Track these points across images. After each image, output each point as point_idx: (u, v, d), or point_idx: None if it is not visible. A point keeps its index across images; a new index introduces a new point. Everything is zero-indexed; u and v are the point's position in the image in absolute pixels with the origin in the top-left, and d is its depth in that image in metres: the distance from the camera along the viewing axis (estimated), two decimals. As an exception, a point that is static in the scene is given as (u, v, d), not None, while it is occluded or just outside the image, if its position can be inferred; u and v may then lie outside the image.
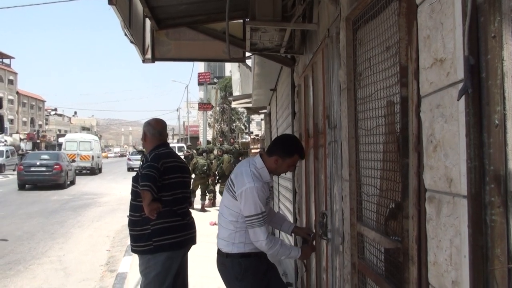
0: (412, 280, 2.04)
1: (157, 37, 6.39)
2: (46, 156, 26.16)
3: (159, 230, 4.49)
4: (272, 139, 4.78)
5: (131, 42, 5.44)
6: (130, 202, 4.58)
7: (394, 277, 2.29)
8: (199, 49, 6.53)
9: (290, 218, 7.00)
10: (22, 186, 24.29)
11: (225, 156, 16.20)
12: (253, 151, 27.00)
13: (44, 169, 24.59)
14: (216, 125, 41.54)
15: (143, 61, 6.35)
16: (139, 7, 5.67)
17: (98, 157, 38.91)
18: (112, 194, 21.25)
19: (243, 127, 38.09)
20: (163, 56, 6.43)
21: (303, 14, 4.59)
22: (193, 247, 4.84)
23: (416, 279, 1.99)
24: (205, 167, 15.73)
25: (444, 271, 1.67)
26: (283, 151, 3.86)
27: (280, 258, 3.82)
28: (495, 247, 1.30)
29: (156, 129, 4.73)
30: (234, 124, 40.07)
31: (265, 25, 4.25)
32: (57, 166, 24.87)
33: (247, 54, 6.65)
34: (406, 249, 2.09)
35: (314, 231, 4.38)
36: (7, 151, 39.44)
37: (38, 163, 24.83)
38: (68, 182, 26.17)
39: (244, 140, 35.89)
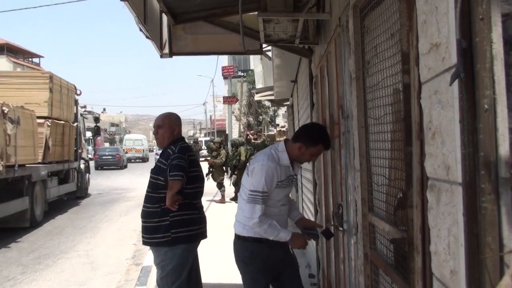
0: (417, 270, 2.01)
1: (174, 32, 6.41)
2: (110, 150, 41.90)
3: (178, 222, 4.50)
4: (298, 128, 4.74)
5: (147, 37, 5.47)
6: (147, 194, 4.59)
7: (402, 267, 2.26)
8: (216, 42, 6.53)
9: (312, 209, 6.98)
10: (97, 168, 37.15)
11: (242, 148, 16.20)
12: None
13: (110, 157, 39.48)
14: (242, 118, 41.57)
15: (161, 56, 6.38)
16: (155, 2, 5.70)
17: (146, 150, 54.01)
18: (140, 189, 21.45)
19: (269, 120, 38.06)
20: (180, 51, 6.45)
21: (316, 4, 4.55)
22: (216, 239, 4.89)
23: (421, 269, 1.96)
24: (234, 160, 15.81)
25: (443, 261, 1.64)
26: (308, 139, 3.84)
27: (269, 238, 3.75)
28: (486, 235, 1.27)
29: (175, 123, 4.75)
30: (261, 117, 40.05)
31: (277, 16, 4.23)
32: (118, 155, 39.99)
33: (264, 46, 6.64)
34: (411, 239, 2.06)
35: (323, 227, 4.41)
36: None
37: (107, 154, 39.69)
38: (124, 165, 40.76)
39: (270, 133, 35.88)
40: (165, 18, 6.24)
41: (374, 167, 2.83)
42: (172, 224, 4.49)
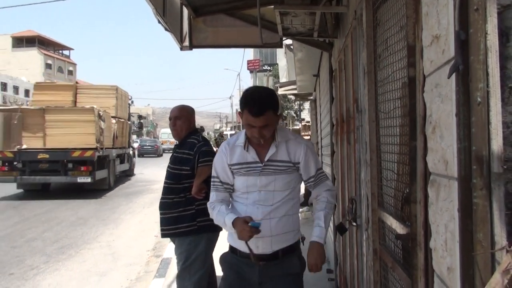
0: (420, 266, 1.98)
1: (194, 25, 6.41)
2: (150, 141, 52.33)
3: (204, 211, 4.48)
4: None
5: (166, 29, 5.49)
6: (167, 186, 4.61)
7: (407, 264, 2.23)
8: (236, 35, 6.52)
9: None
10: (139, 155, 41.57)
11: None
12: (304, 137, 26.85)
13: (150, 147, 48.80)
14: (268, 112, 41.45)
15: (181, 49, 6.40)
16: (175, -5, 5.71)
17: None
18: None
19: (294, 114, 37.94)
20: (200, 43, 6.46)
21: (334, -3, 4.51)
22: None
23: (423, 265, 1.93)
24: None
25: (440, 257, 1.61)
26: (240, 104, 3.09)
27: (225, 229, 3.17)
28: (477, 231, 1.24)
29: (191, 115, 4.86)
30: (286, 111, 39.94)
31: (293, 9, 4.19)
32: (156, 146, 49.76)
33: (285, 39, 6.61)
34: (414, 235, 2.03)
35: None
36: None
37: (147, 144, 49.53)
38: (160, 154, 49.18)
39: (295, 127, 35.77)
40: (185, 10, 6.25)
41: (384, 162, 2.80)
42: (198, 212, 4.51)
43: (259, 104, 2.92)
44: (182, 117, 4.77)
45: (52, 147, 15.49)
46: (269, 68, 41.96)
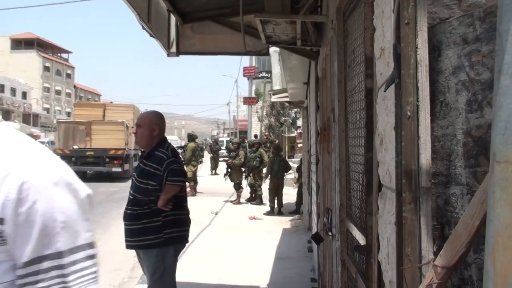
0: (374, 279, 1.97)
1: (181, 31, 6.43)
2: None
3: (171, 222, 4.38)
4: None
5: (151, 36, 5.49)
6: (132, 198, 4.43)
7: (365, 275, 2.22)
8: (223, 42, 6.53)
9: (315, 211, 6.93)
10: None
11: (261, 150, 16.11)
12: (299, 145, 26.90)
13: None
14: (265, 119, 41.54)
15: (168, 55, 6.41)
16: (162, 1, 5.73)
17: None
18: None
19: (291, 122, 37.97)
20: (188, 50, 6.47)
21: (316, 6, 4.52)
22: (225, 239, 4.78)
23: (377, 278, 1.93)
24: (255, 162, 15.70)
25: (384, 270, 1.60)
26: None
27: None
28: (405, 245, 1.23)
29: (156, 123, 4.53)
30: (283, 119, 39.97)
31: (273, 18, 4.20)
32: None
33: (273, 48, 6.63)
34: (370, 247, 2.03)
35: None
36: None
37: None
38: None
39: (291, 135, 35.80)
40: (173, 17, 6.27)
41: (352, 173, 2.80)
42: (164, 224, 4.37)
43: None
44: (143, 125, 4.50)
45: (95, 147, 22.26)
46: (266, 75, 42.04)
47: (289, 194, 16.15)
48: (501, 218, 0.80)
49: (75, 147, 22.48)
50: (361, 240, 2.33)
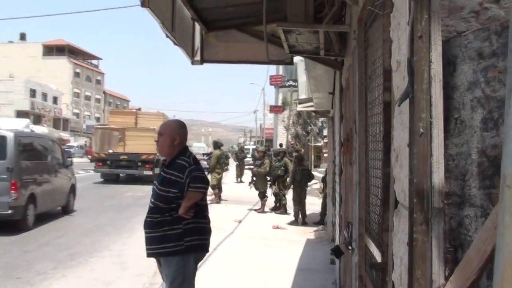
0: (389, 297, 1.91)
1: (206, 39, 6.44)
2: None
3: (192, 230, 4.37)
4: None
5: (175, 44, 5.50)
6: (153, 206, 4.41)
7: (381, 293, 2.16)
8: (247, 51, 6.52)
9: (338, 222, 6.85)
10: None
11: (286, 159, 16.01)
12: (325, 155, 26.75)
13: None
14: (291, 128, 41.44)
15: (192, 63, 6.42)
16: (187, 10, 5.74)
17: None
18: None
19: (317, 131, 37.80)
20: (211, 58, 6.48)
21: (340, 15, 4.47)
22: (249, 248, 4.73)
23: (392, 297, 1.86)
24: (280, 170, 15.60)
25: (396, 291, 1.55)
26: None
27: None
28: (416, 268, 1.18)
29: (177, 132, 4.52)
30: (310, 128, 39.80)
31: (295, 27, 4.17)
32: None
33: (299, 57, 6.59)
34: (385, 264, 1.97)
35: None
36: None
37: None
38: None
39: (318, 144, 35.60)
40: (198, 25, 6.29)
41: (371, 187, 2.74)
42: (185, 232, 4.36)
43: None
44: (165, 134, 4.51)
45: (129, 152, 23.88)
46: (293, 84, 41.99)
47: (314, 204, 16.03)
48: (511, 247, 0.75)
49: (110, 151, 24.24)
50: (378, 257, 2.27)
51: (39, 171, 12.19)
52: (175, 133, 4.48)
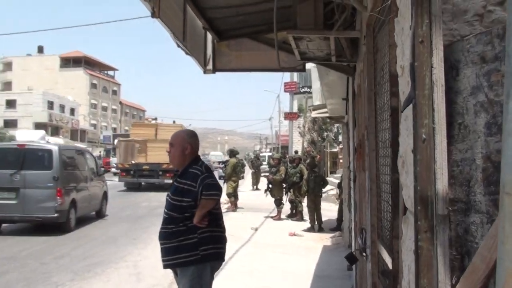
0: (400, 306, 1.88)
1: (218, 49, 6.46)
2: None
3: (207, 239, 4.35)
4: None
5: (186, 53, 5.53)
6: (166, 217, 4.39)
7: (393, 301, 2.13)
8: (259, 59, 6.53)
9: (354, 228, 6.80)
10: None
11: (302, 165, 15.92)
12: (341, 161, 26.62)
13: None
14: (307, 134, 41.32)
15: (204, 72, 6.44)
16: (198, 19, 5.77)
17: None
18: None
19: (333, 137, 37.66)
20: (224, 67, 6.50)
21: (352, 21, 4.46)
22: (267, 257, 4.68)
23: (403, 305, 1.84)
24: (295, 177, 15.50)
25: (405, 300, 1.52)
26: None
27: None
28: (421, 277, 1.16)
29: (188, 142, 4.50)
30: (325, 134, 39.66)
31: (305, 34, 4.16)
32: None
33: (312, 63, 6.58)
34: (396, 272, 1.94)
35: None
36: None
37: None
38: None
39: (334, 150, 35.46)
40: (209, 35, 6.32)
41: (382, 193, 2.71)
42: (200, 241, 4.33)
43: None
44: (176, 144, 4.49)
45: (151, 162, 25.21)
46: (308, 90, 41.92)
47: (331, 210, 15.93)
48: (512, 256, 0.73)
49: (133, 161, 25.99)
50: (389, 264, 2.24)
51: (78, 179, 13.76)
52: (185, 142, 4.46)
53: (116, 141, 41.56)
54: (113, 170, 38.18)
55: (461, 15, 1.25)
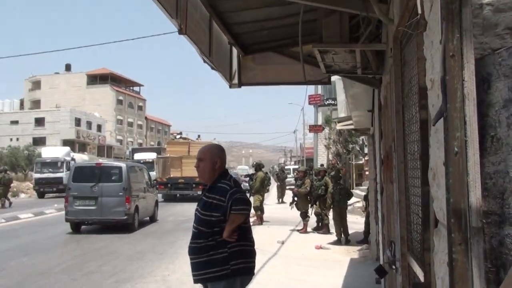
0: (433, 319, 1.87)
1: (243, 63, 6.52)
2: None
3: (237, 253, 4.34)
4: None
5: (212, 68, 5.59)
6: (196, 232, 4.39)
7: (426, 315, 2.12)
8: (284, 72, 6.56)
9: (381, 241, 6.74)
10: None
11: (327, 178, 15.82)
12: (367, 173, 26.44)
13: None
14: (332, 146, 41.14)
15: (230, 86, 6.50)
16: (224, 34, 5.84)
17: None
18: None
19: (358, 149, 37.43)
20: (249, 81, 6.55)
21: (377, 33, 4.47)
22: (293, 270, 4.66)
23: (436, 319, 1.83)
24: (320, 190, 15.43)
25: (439, 313, 1.52)
26: None
27: None
28: (457, 290, 1.16)
29: (217, 156, 4.53)
30: (351, 146, 39.44)
31: (331, 47, 4.18)
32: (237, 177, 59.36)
33: (336, 76, 6.60)
34: (428, 284, 1.93)
35: None
36: None
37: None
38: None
39: (359, 162, 35.24)
40: (235, 49, 6.38)
41: (412, 205, 2.70)
42: (230, 255, 4.32)
43: None
44: (205, 159, 4.50)
45: (186, 176, 28.03)
46: (333, 102, 41.79)
47: (357, 223, 15.81)
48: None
49: (170, 176, 29.21)
50: (421, 277, 2.23)
51: (139, 190, 17.26)
52: (215, 157, 4.48)
53: (135, 155, 43.34)
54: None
55: (492, 28, 1.26)
